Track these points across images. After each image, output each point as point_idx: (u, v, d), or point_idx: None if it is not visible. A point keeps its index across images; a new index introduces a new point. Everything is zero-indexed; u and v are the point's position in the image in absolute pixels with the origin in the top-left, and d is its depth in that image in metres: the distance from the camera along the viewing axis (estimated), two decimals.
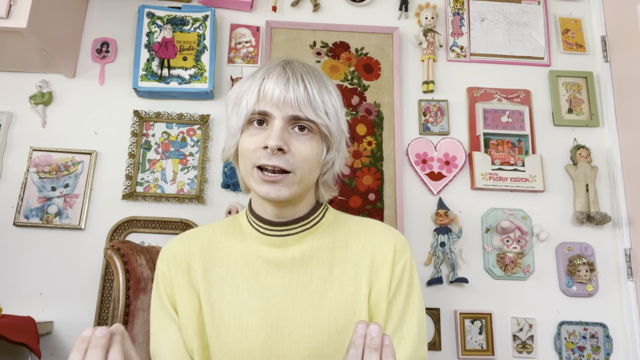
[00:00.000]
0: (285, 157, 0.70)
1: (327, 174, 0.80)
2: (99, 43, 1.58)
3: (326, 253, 0.77)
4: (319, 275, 0.75)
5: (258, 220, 0.78)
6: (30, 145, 1.47)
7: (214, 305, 0.74)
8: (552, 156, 1.58)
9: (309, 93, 0.71)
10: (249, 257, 0.77)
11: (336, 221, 0.82)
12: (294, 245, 0.77)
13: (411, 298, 0.76)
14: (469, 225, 1.50)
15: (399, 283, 0.76)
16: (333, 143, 0.76)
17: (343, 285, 0.75)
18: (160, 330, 0.75)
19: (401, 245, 0.79)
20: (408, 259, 0.78)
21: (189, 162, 1.50)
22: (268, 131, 0.71)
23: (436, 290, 1.45)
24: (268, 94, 0.70)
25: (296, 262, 0.75)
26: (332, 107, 0.74)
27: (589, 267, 1.43)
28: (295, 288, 0.74)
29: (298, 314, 0.72)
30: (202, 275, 0.76)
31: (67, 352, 1.36)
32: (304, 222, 0.78)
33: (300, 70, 0.73)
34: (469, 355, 1.40)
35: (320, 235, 0.79)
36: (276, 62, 0.75)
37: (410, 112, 1.59)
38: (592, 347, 1.42)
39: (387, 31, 1.64)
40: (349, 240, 0.79)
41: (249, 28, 1.62)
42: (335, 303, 0.73)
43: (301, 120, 0.71)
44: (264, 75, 0.73)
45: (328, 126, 0.73)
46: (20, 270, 1.39)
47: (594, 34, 1.70)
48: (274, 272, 0.75)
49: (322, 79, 0.75)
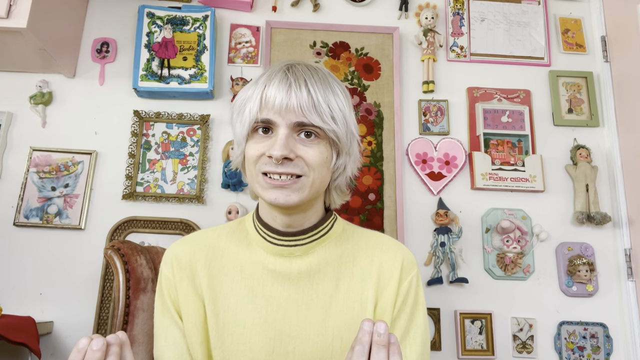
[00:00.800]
0: (295, 163, 0.68)
1: (339, 179, 0.77)
2: (99, 43, 1.58)
3: (333, 267, 0.75)
4: (324, 290, 0.73)
5: (266, 228, 0.76)
6: (30, 145, 1.47)
7: (218, 315, 0.72)
8: (552, 156, 1.58)
9: (313, 98, 0.67)
10: (255, 267, 0.75)
11: (344, 233, 0.80)
12: (302, 257, 0.75)
13: (415, 317, 0.75)
14: (469, 225, 1.50)
15: (404, 301, 0.74)
16: (343, 148, 0.73)
17: (349, 302, 0.73)
18: (163, 336, 0.74)
19: (408, 262, 0.77)
20: (415, 277, 0.77)
21: (189, 162, 1.50)
22: (272, 139, 0.68)
23: (436, 290, 1.45)
24: (270, 101, 0.67)
25: (302, 275, 0.74)
26: (339, 110, 0.70)
27: (589, 267, 1.43)
28: (301, 303, 0.72)
29: (302, 329, 0.71)
30: (207, 283, 0.74)
31: (67, 352, 1.36)
32: (312, 232, 0.76)
33: (304, 74, 0.69)
34: (469, 355, 1.40)
35: (328, 247, 0.77)
36: (278, 66, 0.72)
37: (410, 112, 1.59)
38: (592, 347, 1.42)
39: (387, 31, 1.64)
40: (356, 254, 0.77)
41: (249, 28, 1.62)
42: (340, 320, 0.72)
43: (306, 127, 0.68)
44: (266, 82, 0.70)
45: (335, 131, 0.70)
46: (20, 270, 1.39)
47: (594, 34, 1.70)
48: (279, 285, 0.73)
49: (327, 81, 0.71)
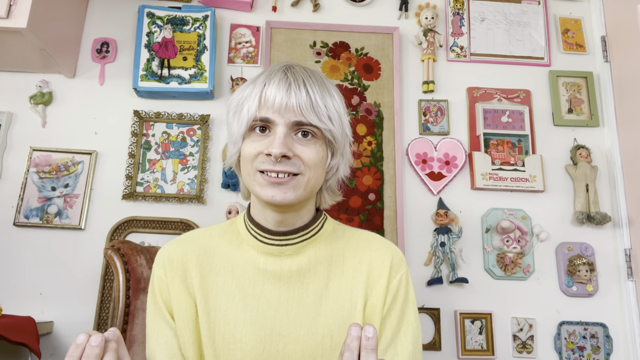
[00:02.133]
0: (292, 162, 0.69)
1: (331, 180, 0.78)
2: (99, 43, 1.58)
3: (323, 266, 0.75)
4: (315, 290, 0.74)
5: (257, 227, 0.76)
6: (30, 145, 1.47)
7: (209, 314, 0.73)
8: (552, 156, 1.57)
9: (312, 98, 0.69)
10: (246, 267, 0.75)
11: (334, 232, 0.81)
12: (292, 256, 0.75)
13: (406, 314, 0.75)
14: (469, 225, 1.50)
15: (393, 299, 0.75)
16: (337, 148, 0.74)
17: (339, 301, 0.74)
18: (155, 335, 0.75)
19: (397, 260, 0.78)
20: (404, 275, 0.77)
21: (189, 162, 1.50)
22: (271, 138, 0.69)
23: (436, 290, 1.45)
24: (270, 100, 0.68)
25: (293, 274, 0.74)
26: (335, 111, 0.72)
27: (589, 267, 1.43)
28: (291, 302, 0.73)
29: (293, 328, 0.71)
30: (199, 283, 0.74)
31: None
32: (303, 232, 0.76)
33: (302, 75, 0.71)
34: (469, 355, 1.40)
35: (318, 246, 0.77)
36: (277, 67, 0.73)
37: (410, 112, 1.59)
38: (592, 347, 1.42)
39: (387, 31, 1.64)
40: (346, 253, 0.78)
41: (249, 28, 1.62)
42: (330, 319, 0.72)
43: (304, 126, 0.69)
44: (265, 81, 0.71)
45: (332, 131, 0.71)
46: (20, 270, 1.39)
47: (594, 34, 1.70)
48: (270, 284, 0.74)
49: (324, 83, 0.73)
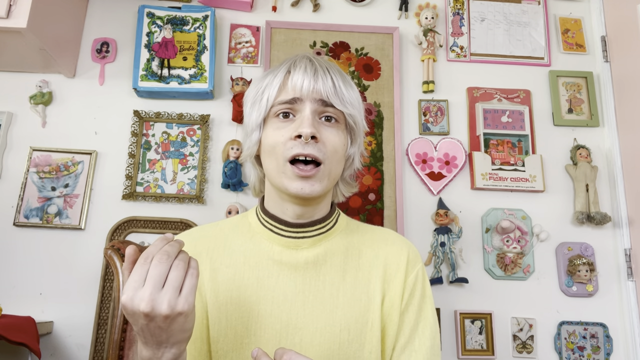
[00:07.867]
0: (318, 146, 0.70)
1: (347, 170, 0.80)
2: (99, 43, 1.58)
3: (339, 258, 0.75)
4: (331, 281, 0.73)
5: (273, 220, 0.76)
6: (30, 145, 1.47)
7: (220, 308, 0.71)
8: (552, 156, 1.57)
9: (335, 85, 0.72)
10: (259, 258, 0.74)
11: (348, 227, 0.81)
12: (308, 249, 0.74)
13: (423, 310, 0.75)
14: (469, 225, 1.50)
15: (411, 294, 0.74)
16: (356, 136, 0.77)
17: (356, 293, 0.73)
18: None
19: (414, 256, 0.78)
20: (420, 270, 0.77)
21: (189, 162, 1.50)
22: (297, 122, 0.70)
23: (436, 290, 1.45)
24: (297, 84, 0.71)
25: (309, 265, 0.73)
26: (355, 99, 0.76)
27: (589, 267, 1.43)
28: (307, 293, 0.71)
29: (309, 320, 0.70)
30: (209, 276, 0.73)
31: (67, 352, 1.36)
32: (320, 225, 0.76)
33: (326, 64, 0.75)
34: (469, 355, 1.40)
35: (334, 239, 0.77)
36: (300, 56, 0.76)
37: (410, 112, 1.59)
38: (592, 347, 1.42)
39: (387, 31, 1.64)
40: (362, 247, 0.78)
41: (249, 28, 1.62)
42: (347, 311, 0.71)
43: (329, 110, 0.72)
44: (289, 69, 0.74)
45: (353, 116, 0.74)
46: (20, 270, 1.39)
47: (594, 34, 1.70)
48: (285, 275, 0.72)
49: (343, 74, 0.77)
